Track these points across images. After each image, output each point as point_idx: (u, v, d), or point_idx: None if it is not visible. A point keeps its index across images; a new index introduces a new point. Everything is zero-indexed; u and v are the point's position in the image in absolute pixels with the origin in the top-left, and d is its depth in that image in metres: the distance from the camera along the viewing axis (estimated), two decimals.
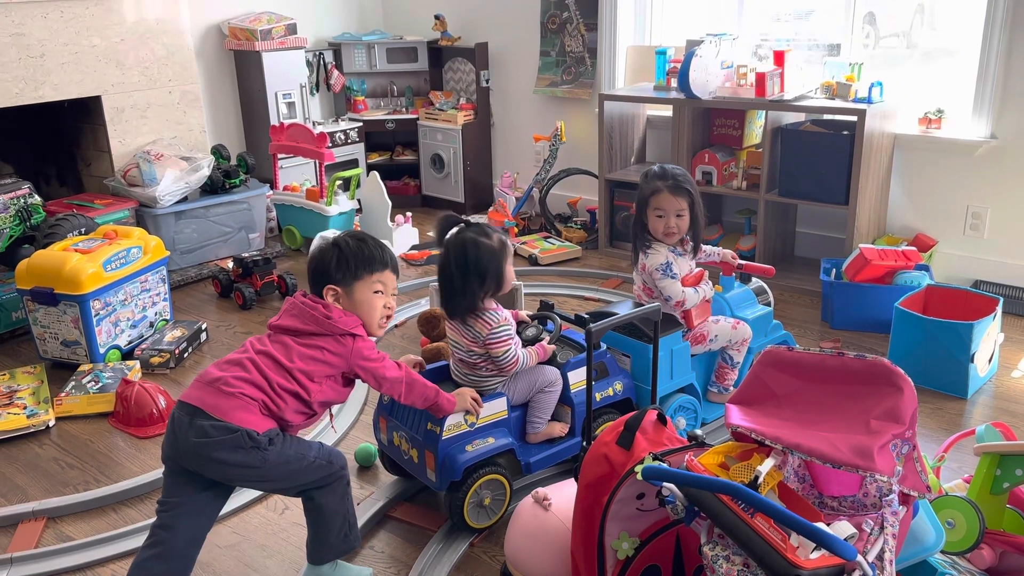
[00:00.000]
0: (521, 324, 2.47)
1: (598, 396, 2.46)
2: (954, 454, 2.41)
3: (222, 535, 2.31)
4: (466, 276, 2.23)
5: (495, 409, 2.29)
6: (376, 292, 2.02)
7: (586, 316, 2.32)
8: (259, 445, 1.84)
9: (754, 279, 2.98)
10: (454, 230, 2.29)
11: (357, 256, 2.00)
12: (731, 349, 2.78)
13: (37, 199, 3.66)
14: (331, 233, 2.26)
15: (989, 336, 2.97)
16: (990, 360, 3.04)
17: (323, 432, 2.74)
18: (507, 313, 2.34)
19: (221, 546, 2.27)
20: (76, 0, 3.95)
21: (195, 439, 1.83)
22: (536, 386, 2.36)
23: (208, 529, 1.95)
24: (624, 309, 2.47)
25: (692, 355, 2.69)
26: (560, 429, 2.42)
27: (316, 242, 2.23)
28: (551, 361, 2.41)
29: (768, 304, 2.98)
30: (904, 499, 1.63)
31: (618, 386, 2.51)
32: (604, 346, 2.54)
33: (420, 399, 2.10)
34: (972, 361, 2.89)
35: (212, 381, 1.89)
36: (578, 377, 2.42)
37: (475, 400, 2.23)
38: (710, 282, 2.76)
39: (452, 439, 2.21)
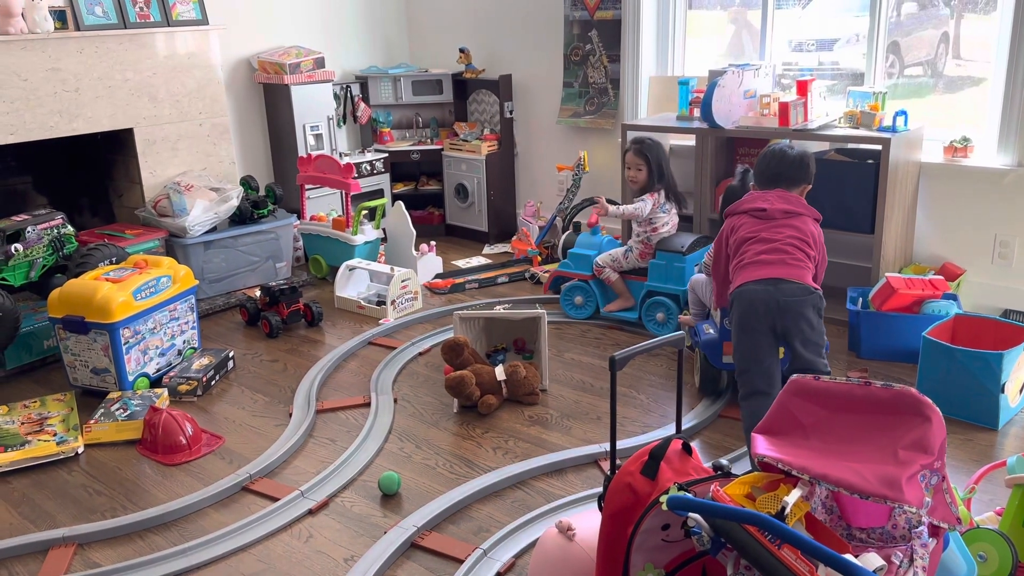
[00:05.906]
0: None
1: None
2: (985, 486, 2.37)
3: (246, 562, 2.32)
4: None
5: None
6: None
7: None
8: (822, 303, 2.58)
9: None
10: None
11: (813, 170, 2.85)
12: None
13: (70, 229, 3.73)
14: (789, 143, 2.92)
15: (1020, 366, 2.93)
16: (1021, 390, 3.00)
17: (361, 446, 2.76)
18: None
19: (246, 574, 2.28)
20: (110, 35, 4.06)
21: (786, 299, 2.52)
22: None
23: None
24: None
25: None
26: None
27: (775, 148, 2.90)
28: None
29: None
30: (934, 531, 1.61)
31: None
32: None
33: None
34: (1003, 391, 2.86)
35: (772, 261, 2.59)
36: None
37: None
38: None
39: None
